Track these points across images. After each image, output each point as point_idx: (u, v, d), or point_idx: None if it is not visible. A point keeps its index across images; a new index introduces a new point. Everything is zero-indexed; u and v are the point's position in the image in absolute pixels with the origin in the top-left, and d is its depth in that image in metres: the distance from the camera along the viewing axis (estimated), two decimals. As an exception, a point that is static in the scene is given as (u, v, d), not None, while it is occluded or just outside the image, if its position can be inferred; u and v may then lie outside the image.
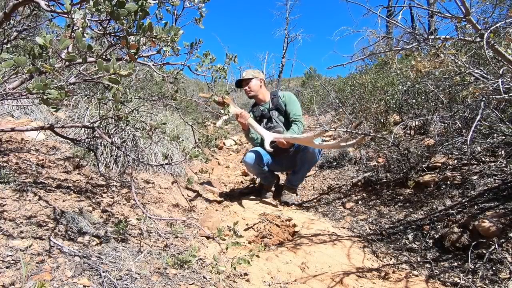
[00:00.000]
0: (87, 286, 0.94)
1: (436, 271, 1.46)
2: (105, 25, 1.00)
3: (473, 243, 1.44)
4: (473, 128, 1.54)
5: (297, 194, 2.78)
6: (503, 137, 1.90)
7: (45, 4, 1.01)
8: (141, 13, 0.93)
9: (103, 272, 1.02)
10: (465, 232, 1.55)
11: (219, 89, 1.80)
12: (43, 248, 1.07)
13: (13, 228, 1.13)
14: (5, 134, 1.89)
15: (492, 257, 1.36)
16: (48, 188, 1.52)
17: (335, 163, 3.22)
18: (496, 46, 1.34)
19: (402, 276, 1.45)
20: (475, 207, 1.68)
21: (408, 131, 3.15)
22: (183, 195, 2.21)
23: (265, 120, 2.79)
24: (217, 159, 4.55)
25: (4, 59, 0.85)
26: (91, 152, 1.87)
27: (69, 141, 1.79)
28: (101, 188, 1.82)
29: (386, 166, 2.55)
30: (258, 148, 2.71)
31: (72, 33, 0.89)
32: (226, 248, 1.30)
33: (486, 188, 1.78)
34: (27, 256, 1.00)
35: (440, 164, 2.20)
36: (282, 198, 2.63)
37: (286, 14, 14.08)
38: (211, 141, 1.63)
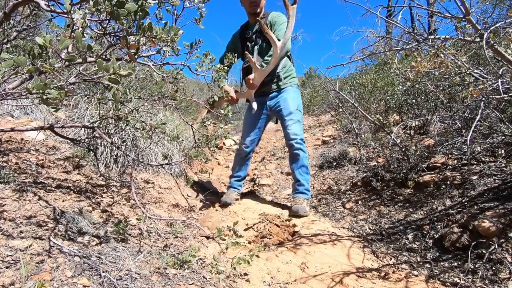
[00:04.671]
0: (87, 286, 0.94)
1: (436, 271, 1.46)
2: (105, 25, 1.00)
3: (473, 243, 1.44)
4: (473, 128, 1.55)
5: (307, 203, 2.33)
6: (503, 137, 1.91)
7: (45, 4, 1.02)
8: (141, 13, 0.93)
9: (103, 272, 1.02)
10: (465, 232, 1.55)
11: (219, 89, 1.80)
12: (43, 248, 1.07)
13: (13, 228, 1.13)
14: (5, 134, 1.89)
15: (492, 257, 1.36)
16: (48, 188, 1.52)
17: (335, 163, 3.22)
18: (496, 46, 1.34)
19: (402, 276, 1.45)
20: (475, 207, 1.68)
21: (408, 131, 3.15)
22: (183, 195, 2.21)
23: (248, 44, 2.43)
24: (217, 159, 4.55)
25: (4, 59, 0.85)
26: (91, 152, 1.87)
27: (69, 141, 1.79)
28: (101, 188, 1.82)
29: (386, 166, 2.55)
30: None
31: (72, 33, 0.89)
32: (226, 248, 1.30)
33: (486, 188, 1.78)
34: (27, 256, 1.00)
35: (440, 164, 2.20)
36: (292, 209, 2.27)
37: (286, 14, 14.05)
38: (211, 141, 1.63)
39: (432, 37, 1.59)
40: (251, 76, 2.25)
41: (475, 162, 2.06)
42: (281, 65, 2.40)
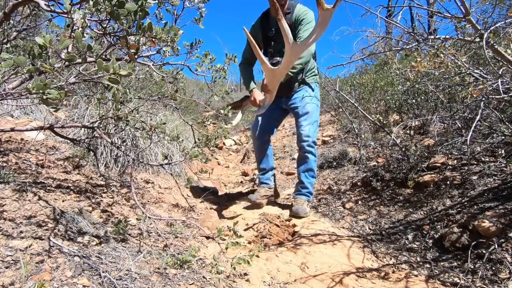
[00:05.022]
0: (87, 286, 0.94)
1: (436, 271, 1.46)
2: (105, 25, 1.00)
3: (473, 243, 1.44)
4: (472, 128, 1.55)
5: (308, 204, 2.32)
6: (503, 137, 1.91)
7: (45, 4, 1.02)
8: (141, 13, 0.94)
9: (103, 272, 1.02)
10: (465, 232, 1.55)
11: (219, 89, 1.80)
12: (43, 248, 1.07)
13: (12, 228, 1.13)
14: (4, 134, 1.89)
15: (491, 257, 1.36)
16: (48, 188, 1.52)
17: (334, 163, 3.22)
18: (496, 46, 1.34)
19: (402, 276, 1.45)
20: (475, 207, 1.68)
21: (408, 131, 3.15)
22: (183, 195, 2.21)
23: (272, 44, 2.19)
24: (217, 159, 4.55)
25: (4, 59, 0.85)
26: (91, 152, 1.87)
27: (68, 141, 1.79)
28: (101, 188, 1.82)
29: (385, 166, 2.55)
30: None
31: (72, 33, 0.89)
32: (226, 248, 1.31)
33: (486, 188, 1.78)
34: (26, 256, 1.00)
35: (440, 164, 2.20)
36: (292, 209, 2.24)
37: (286, 14, 14.03)
38: (211, 141, 1.63)
39: (432, 37, 1.59)
40: (265, 81, 2.03)
41: (475, 162, 2.06)
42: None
